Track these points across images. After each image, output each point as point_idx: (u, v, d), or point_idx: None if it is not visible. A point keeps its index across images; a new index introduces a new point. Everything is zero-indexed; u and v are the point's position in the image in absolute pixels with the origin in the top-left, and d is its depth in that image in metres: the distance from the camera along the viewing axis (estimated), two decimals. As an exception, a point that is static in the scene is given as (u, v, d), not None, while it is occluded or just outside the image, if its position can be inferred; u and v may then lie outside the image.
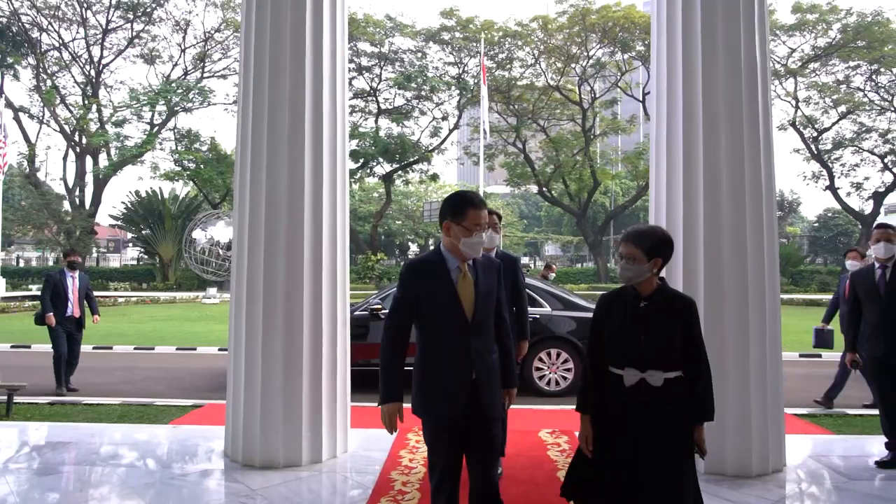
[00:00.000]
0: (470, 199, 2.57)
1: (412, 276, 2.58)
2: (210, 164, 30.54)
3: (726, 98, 3.93)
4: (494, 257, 3.24)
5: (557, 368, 6.95)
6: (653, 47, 4.38)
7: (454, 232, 2.54)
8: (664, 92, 4.14)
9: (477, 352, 2.54)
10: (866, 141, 30.19)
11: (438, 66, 30.32)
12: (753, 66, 3.97)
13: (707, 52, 3.95)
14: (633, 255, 2.39)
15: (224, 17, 30.39)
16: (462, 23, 28.52)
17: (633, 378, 2.36)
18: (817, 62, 28.36)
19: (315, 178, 4.17)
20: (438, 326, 2.56)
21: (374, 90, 30.22)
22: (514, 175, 32.35)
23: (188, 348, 10.73)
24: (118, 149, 29.76)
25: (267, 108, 4.12)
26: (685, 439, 2.38)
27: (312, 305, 4.09)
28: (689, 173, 3.98)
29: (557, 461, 4.17)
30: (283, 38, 4.14)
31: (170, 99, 29.83)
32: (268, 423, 3.99)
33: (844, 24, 26.65)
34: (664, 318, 2.38)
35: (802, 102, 29.46)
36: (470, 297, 2.54)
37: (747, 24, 3.98)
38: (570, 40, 28.70)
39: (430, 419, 2.55)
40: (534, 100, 30.12)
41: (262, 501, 3.46)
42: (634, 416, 2.36)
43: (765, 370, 3.88)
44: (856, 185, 31.46)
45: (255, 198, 4.11)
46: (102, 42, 30.52)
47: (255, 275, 4.07)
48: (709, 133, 3.93)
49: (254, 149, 4.15)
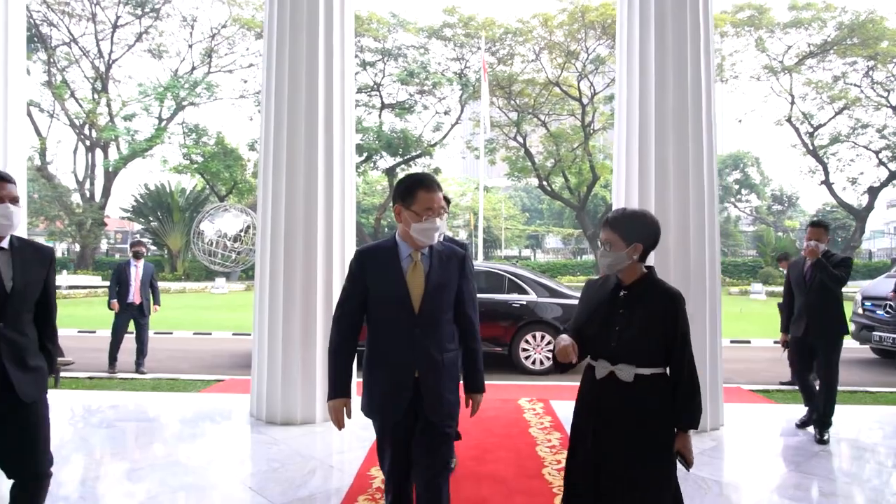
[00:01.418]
0: (420, 180, 2.36)
1: (361, 263, 2.39)
2: (217, 158, 31.33)
3: (675, 95, 4.63)
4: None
5: (542, 350, 7.69)
6: (617, 56, 5.10)
7: (405, 217, 2.34)
8: (624, 96, 4.88)
9: (423, 348, 2.31)
10: (862, 136, 30.77)
11: (441, 62, 30.92)
12: (698, 71, 4.67)
13: (659, 61, 4.64)
14: (610, 241, 2.23)
15: (230, 13, 31.01)
16: (464, 20, 29.10)
17: (603, 370, 2.21)
18: (813, 59, 28.88)
19: (327, 176, 4.90)
20: (384, 318, 2.37)
21: (378, 85, 30.84)
22: (514, 169, 33.04)
23: (204, 333, 11.54)
24: (128, 143, 30.56)
25: (287, 113, 4.84)
26: (663, 446, 2.16)
27: (325, 288, 4.84)
28: (644, 164, 4.68)
29: (531, 421, 4.92)
30: (300, 58, 4.85)
31: (177, 94, 30.57)
32: (287, 388, 4.74)
33: (840, 22, 27.16)
34: (643, 309, 2.18)
35: (799, 98, 30.07)
36: (419, 287, 2.33)
37: (693, 38, 4.69)
38: (570, 37, 29.26)
39: (374, 420, 2.42)
40: (534, 95, 30.73)
41: (284, 447, 4.21)
42: (602, 413, 2.20)
43: (705, 343, 4.59)
44: (851, 179, 32.08)
45: (276, 196, 4.85)
46: (112, 38, 31.24)
47: (277, 262, 4.82)
48: (660, 129, 4.64)
49: (275, 152, 4.88)
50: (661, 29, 4.65)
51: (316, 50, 4.87)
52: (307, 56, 4.87)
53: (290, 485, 3.54)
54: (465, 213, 44.12)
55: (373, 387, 2.39)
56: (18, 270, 2.32)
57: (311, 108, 4.86)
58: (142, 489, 3.49)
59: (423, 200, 2.31)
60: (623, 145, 4.89)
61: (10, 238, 2.35)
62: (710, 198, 4.71)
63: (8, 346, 2.26)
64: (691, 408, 2.16)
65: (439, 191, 2.38)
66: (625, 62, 4.90)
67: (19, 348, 2.29)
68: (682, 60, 4.64)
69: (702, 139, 4.66)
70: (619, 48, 5.00)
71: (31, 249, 2.41)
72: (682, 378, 2.17)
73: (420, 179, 2.37)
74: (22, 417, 2.30)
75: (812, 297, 4.60)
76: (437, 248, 2.42)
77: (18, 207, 2.34)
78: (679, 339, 2.16)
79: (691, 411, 2.16)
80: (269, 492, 3.43)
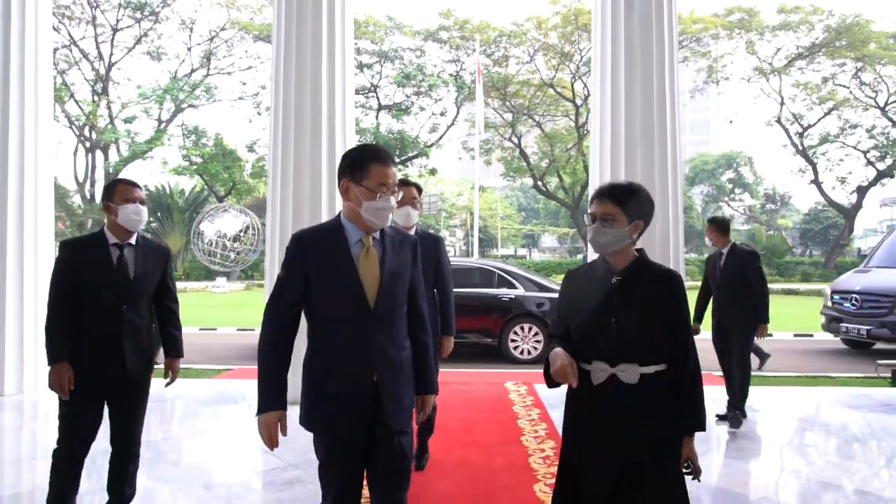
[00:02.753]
0: (372, 151, 2.05)
1: (300, 250, 2.02)
2: (216, 159, 31.81)
3: (643, 107, 5.19)
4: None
5: (529, 340, 8.21)
6: (593, 59, 5.67)
7: (353, 194, 2.01)
8: (598, 95, 5.46)
9: (380, 347, 2.01)
10: (851, 136, 31.40)
11: (437, 64, 31.43)
12: (662, 89, 5.22)
13: (628, 81, 5.19)
14: (610, 215, 1.89)
15: (229, 16, 31.48)
16: (459, 23, 29.63)
17: (601, 374, 1.87)
18: (802, 61, 29.49)
19: (330, 180, 5.41)
20: (332, 315, 2.03)
21: (375, 87, 31.34)
22: (510, 169, 33.58)
23: (209, 328, 12.04)
24: (129, 145, 31.02)
25: (294, 117, 5.34)
26: (674, 453, 1.87)
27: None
28: (615, 168, 5.23)
29: (515, 400, 5.43)
30: (305, 64, 5.37)
31: (176, 96, 31.04)
32: (295, 371, 5.23)
33: (827, 25, 27.77)
34: (643, 296, 1.87)
35: (788, 100, 30.69)
36: (373, 277, 2.01)
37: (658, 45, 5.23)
38: (563, 39, 29.81)
39: (320, 432, 2.05)
40: (529, 96, 31.27)
41: (293, 421, 4.71)
42: (608, 423, 1.87)
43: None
44: (841, 179, 32.73)
45: (284, 198, 5.36)
46: (112, 40, 31.68)
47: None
48: (629, 123, 5.21)
49: (283, 158, 5.39)
50: (631, 54, 5.23)
51: (319, 60, 5.38)
52: (311, 66, 5.37)
53: (300, 451, 4.04)
54: (461, 213, 44.65)
55: (318, 395, 2.04)
56: (140, 263, 2.77)
57: (316, 113, 5.38)
58: (176, 453, 4.01)
59: (377, 175, 1.99)
60: (597, 152, 5.42)
61: (136, 236, 2.81)
62: (674, 201, 5.24)
63: (128, 327, 2.71)
64: (697, 408, 1.88)
65: (394, 166, 2.07)
66: (598, 81, 5.44)
67: (136, 329, 2.74)
68: (648, 80, 5.20)
69: (666, 149, 5.20)
70: (594, 69, 5.55)
71: (151, 247, 2.88)
72: (685, 373, 1.88)
73: (373, 151, 2.05)
74: (129, 392, 2.76)
75: (723, 290, 4.92)
76: (387, 233, 2.11)
77: (145, 207, 2.81)
78: (682, 326, 1.89)
79: (697, 411, 1.88)
80: (282, 455, 3.95)
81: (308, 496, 3.34)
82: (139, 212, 2.77)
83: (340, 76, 5.50)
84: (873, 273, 9.08)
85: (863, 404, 5.49)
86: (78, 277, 2.70)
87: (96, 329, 2.69)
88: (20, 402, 5.35)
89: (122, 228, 2.75)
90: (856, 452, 4.25)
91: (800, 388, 6.40)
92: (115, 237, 2.77)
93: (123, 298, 2.71)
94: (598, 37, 5.47)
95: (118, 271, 2.73)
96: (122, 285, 2.72)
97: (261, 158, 32.96)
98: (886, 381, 6.58)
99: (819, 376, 7.13)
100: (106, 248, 2.75)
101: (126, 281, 2.73)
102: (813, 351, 9.50)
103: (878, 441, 4.48)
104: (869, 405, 5.45)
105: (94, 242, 2.78)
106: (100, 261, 2.72)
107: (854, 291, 8.78)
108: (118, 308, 2.70)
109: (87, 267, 2.71)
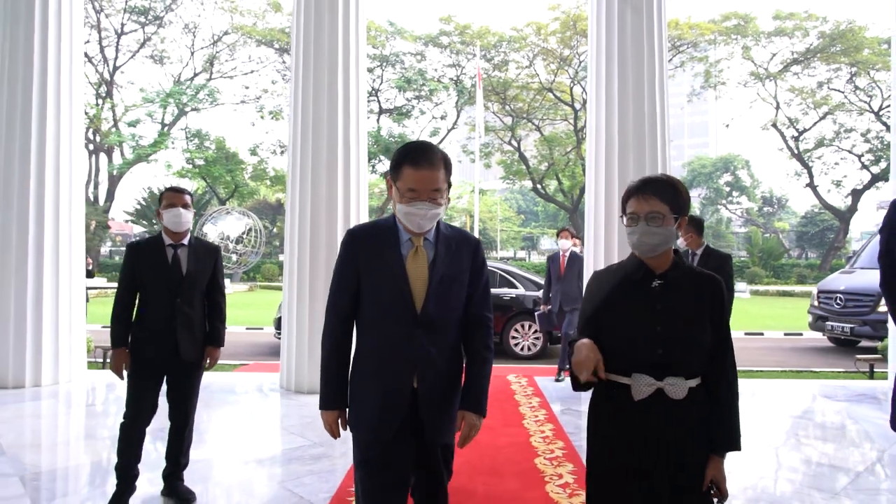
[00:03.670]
0: (408, 152, 1.87)
1: (352, 245, 1.96)
2: (219, 162, 32.24)
3: (635, 115, 5.61)
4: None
5: (528, 337, 8.64)
6: (588, 68, 6.12)
7: (394, 193, 1.91)
8: (593, 100, 5.95)
9: (425, 354, 1.88)
10: (846, 140, 31.88)
11: (437, 69, 31.89)
12: (653, 99, 5.65)
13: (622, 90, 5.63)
14: (658, 213, 1.68)
15: (232, 21, 31.93)
16: (459, 28, 30.10)
17: (646, 389, 1.66)
18: (798, 66, 29.98)
19: (345, 184, 5.82)
20: (377, 316, 1.93)
21: (376, 91, 31.78)
22: (509, 172, 34.01)
23: (219, 327, 12.45)
24: (133, 148, 31.43)
25: (311, 127, 5.75)
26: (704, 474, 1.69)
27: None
28: (608, 175, 5.65)
29: (516, 390, 5.86)
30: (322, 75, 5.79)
31: (179, 99, 31.47)
32: (313, 363, 5.65)
33: (821, 32, 28.26)
34: (688, 301, 1.69)
35: (784, 104, 31.18)
36: (421, 280, 1.90)
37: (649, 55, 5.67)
38: (562, 44, 30.28)
39: (357, 438, 1.94)
40: (528, 100, 31.73)
41: (314, 408, 5.10)
42: (654, 446, 1.65)
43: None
44: (836, 182, 33.20)
45: (302, 203, 5.77)
46: (117, 45, 32.12)
47: (304, 258, 5.73)
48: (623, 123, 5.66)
49: (301, 163, 5.80)
50: (623, 65, 5.65)
51: (335, 74, 5.79)
52: (328, 80, 5.78)
53: (324, 431, 4.44)
54: (461, 216, 45.09)
55: (362, 399, 1.93)
56: (192, 262, 3.14)
57: (332, 121, 5.79)
58: (213, 433, 4.40)
59: (407, 178, 1.85)
60: (592, 157, 5.86)
61: (190, 237, 3.20)
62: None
63: (182, 317, 3.07)
64: (734, 425, 1.70)
65: (432, 169, 1.84)
66: (593, 89, 5.88)
67: (189, 320, 3.11)
68: (639, 88, 5.63)
69: (657, 153, 5.63)
70: (590, 78, 5.98)
71: (203, 246, 3.25)
72: (723, 386, 1.71)
73: (408, 152, 1.87)
74: (184, 374, 3.15)
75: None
76: (444, 233, 1.96)
77: (187, 210, 3.17)
78: (725, 334, 1.72)
79: (734, 429, 1.70)
80: (306, 434, 4.36)
81: (332, 468, 3.74)
82: (179, 215, 3.13)
83: (354, 88, 5.91)
84: (857, 274, 9.50)
85: (839, 395, 5.90)
86: (139, 275, 3.11)
87: (155, 319, 3.08)
88: (56, 392, 5.75)
89: (170, 231, 3.15)
90: (827, 434, 4.66)
91: (784, 380, 6.82)
92: (170, 239, 3.16)
93: (177, 292, 3.09)
94: (594, 47, 5.92)
95: (173, 269, 3.12)
96: (176, 281, 3.10)
97: (262, 161, 33.44)
98: (864, 374, 6.99)
99: (803, 371, 7.55)
100: (162, 249, 3.13)
101: (179, 277, 3.12)
102: (801, 348, 9.93)
103: (847, 425, 4.89)
104: (844, 395, 5.87)
105: (152, 244, 3.17)
106: (157, 260, 3.11)
107: (839, 291, 9.20)
108: (173, 301, 3.08)
109: (146, 265, 3.11)
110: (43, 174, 5.96)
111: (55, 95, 6.05)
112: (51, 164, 6.01)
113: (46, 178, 5.97)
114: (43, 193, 5.95)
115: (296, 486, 3.45)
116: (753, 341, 10.88)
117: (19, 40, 5.93)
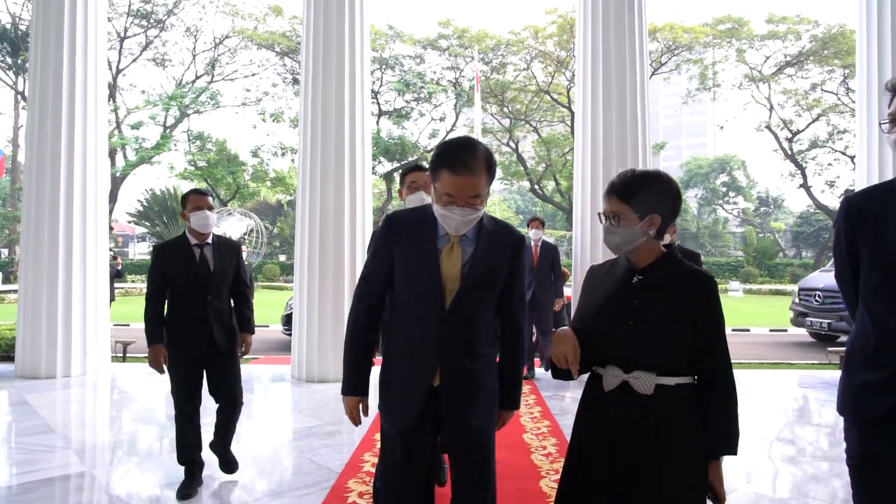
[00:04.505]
0: (447, 154, 1.79)
1: (388, 230, 1.94)
2: (221, 164, 32.71)
3: (618, 116, 6.12)
4: None
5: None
6: (577, 75, 6.63)
7: (431, 190, 1.88)
8: (580, 97, 6.49)
9: (450, 352, 1.86)
10: (839, 142, 32.38)
11: (436, 71, 32.37)
12: (635, 107, 6.16)
13: (605, 93, 6.13)
14: (618, 212, 1.73)
15: (233, 24, 32.39)
16: (458, 31, 30.60)
17: (613, 380, 1.71)
18: (791, 68, 30.49)
19: (351, 186, 6.30)
20: (406, 306, 1.91)
21: (376, 93, 32.25)
22: (507, 173, 34.48)
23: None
24: (136, 150, 31.89)
25: (321, 133, 6.23)
26: (695, 478, 1.66)
27: (350, 277, 6.23)
28: (594, 173, 6.14)
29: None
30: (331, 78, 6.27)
31: (181, 102, 31.94)
32: (323, 354, 6.12)
33: (813, 35, 28.78)
34: (664, 297, 1.70)
35: (778, 106, 31.70)
36: (453, 276, 1.86)
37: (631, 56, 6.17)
38: (559, 47, 30.77)
39: (384, 421, 1.96)
40: (526, 102, 32.20)
41: (325, 394, 5.60)
42: (616, 436, 1.69)
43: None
44: (829, 183, 33.72)
45: (312, 206, 6.25)
46: (120, 48, 32.56)
47: (313, 257, 6.20)
48: (607, 124, 6.14)
49: (311, 166, 6.28)
50: (608, 70, 6.18)
51: (342, 81, 6.27)
52: (335, 87, 6.26)
53: (335, 413, 4.93)
54: (460, 216, 45.46)
55: (388, 386, 1.95)
56: (218, 259, 3.33)
57: (339, 127, 6.26)
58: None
59: (444, 183, 1.78)
60: (580, 161, 6.37)
61: (213, 235, 3.44)
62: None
63: (214, 311, 3.28)
64: (730, 429, 1.68)
65: (472, 175, 1.76)
66: (580, 94, 6.39)
67: (220, 313, 3.32)
68: (622, 95, 6.16)
69: (637, 157, 6.13)
70: (578, 81, 6.50)
71: (226, 243, 3.44)
72: (717, 388, 1.69)
73: (447, 154, 1.79)
74: (221, 361, 3.38)
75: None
76: (486, 227, 1.91)
77: (212, 213, 3.40)
78: (713, 334, 1.69)
79: (730, 434, 1.68)
80: (320, 416, 4.84)
81: (344, 443, 4.22)
82: (206, 217, 3.35)
83: (360, 96, 6.40)
84: (836, 272, 9.97)
85: (808, 384, 6.39)
86: (168, 274, 3.27)
87: (188, 314, 3.25)
88: (84, 381, 6.23)
89: (196, 231, 3.37)
90: (791, 415, 5.14)
91: (762, 371, 7.30)
92: (195, 239, 3.33)
93: (207, 289, 3.33)
94: (581, 56, 6.48)
95: (201, 267, 3.34)
96: (206, 278, 3.33)
97: (263, 163, 33.89)
98: (836, 365, 7.47)
99: (781, 363, 8.03)
100: (189, 249, 3.30)
101: (208, 274, 3.35)
102: (782, 343, 10.41)
103: (810, 408, 5.38)
104: (812, 384, 6.37)
105: (179, 245, 3.34)
106: (185, 260, 3.28)
107: (818, 289, 9.68)
108: (204, 297, 3.31)
109: (175, 265, 3.27)
110: (71, 183, 6.46)
111: (82, 105, 6.55)
112: (78, 171, 6.50)
113: (75, 186, 6.47)
114: (72, 200, 6.45)
115: (314, 456, 3.93)
116: (739, 337, 11.35)
117: (49, 56, 6.42)
